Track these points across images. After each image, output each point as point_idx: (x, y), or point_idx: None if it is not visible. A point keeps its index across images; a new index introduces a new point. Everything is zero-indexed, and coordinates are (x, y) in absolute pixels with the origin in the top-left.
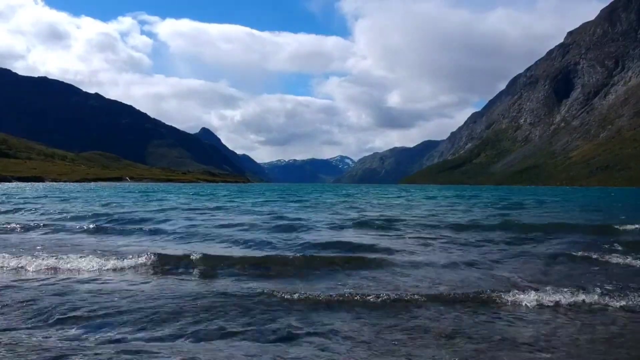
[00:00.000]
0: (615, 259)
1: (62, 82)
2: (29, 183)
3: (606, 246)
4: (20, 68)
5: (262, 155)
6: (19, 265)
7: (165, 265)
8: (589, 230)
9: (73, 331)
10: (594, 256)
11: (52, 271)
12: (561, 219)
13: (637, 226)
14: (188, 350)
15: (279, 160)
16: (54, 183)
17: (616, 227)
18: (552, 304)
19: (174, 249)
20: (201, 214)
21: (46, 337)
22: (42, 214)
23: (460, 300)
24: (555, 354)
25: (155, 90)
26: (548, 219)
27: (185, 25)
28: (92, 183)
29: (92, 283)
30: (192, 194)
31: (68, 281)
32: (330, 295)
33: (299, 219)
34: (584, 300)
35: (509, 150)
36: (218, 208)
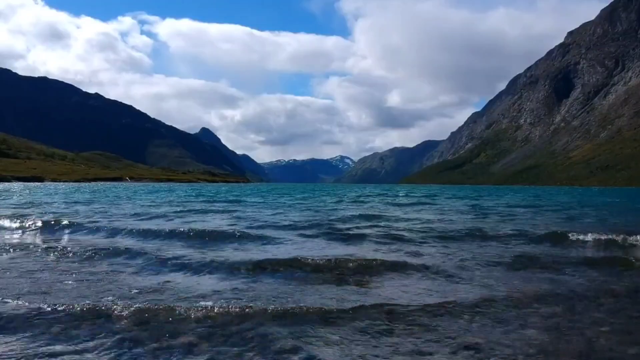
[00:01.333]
0: None
1: (62, 82)
2: (29, 183)
3: None
4: (20, 68)
5: (262, 155)
6: None
7: None
8: None
9: None
10: None
11: None
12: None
13: None
14: None
15: (279, 160)
16: (54, 183)
17: None
18: None
19: None
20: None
21: None
22: None
23: None
24: None
25: (155, 90)
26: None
27: (185, 25)
28: (92, 183)
29: None
30: (191, 195)
31: None
32: None
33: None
34: None
35: (509, 150)
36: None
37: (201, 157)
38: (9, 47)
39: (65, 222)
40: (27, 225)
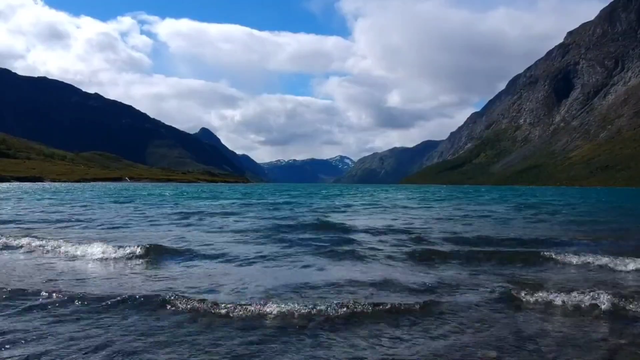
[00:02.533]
0: None
1: (62, 82)
2: (28, 183)
3: None
4: (20, 68)
5: (262, 155)
6: None
7: None
8: None
9: None
10: None
11: None
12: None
13: None
14: None
15: (279, 160)
16: (53, 183)
17: None
18: None
19: None
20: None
21: None
22: None
23: None
24: None
25: (155, 90)
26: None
27: (185, 25)
28: (91, 183)
29: None
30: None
31: None
32: None
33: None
34: None
35: (508, 150)
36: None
37: (201, 157)
38: (9, 47)
39: None
40: None
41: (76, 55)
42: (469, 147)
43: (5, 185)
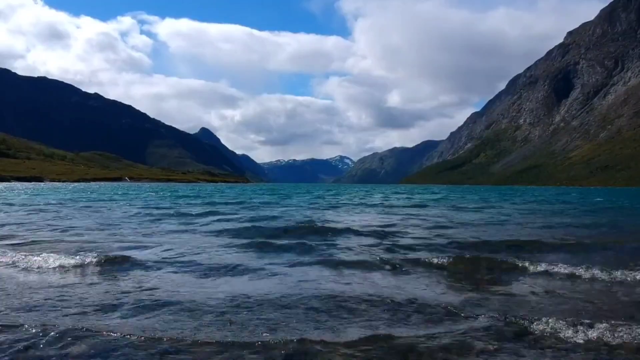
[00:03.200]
0: None
1: (62, 82)
2: (28, 183)
3: None
4: (20, 68)
5: (262, 155)
6: None
7: None
8: None
9: None
10: None
11: None
12: None
13: None
14: None
15: (279, 160)
16: (53, 183)
17: None
18: None
19: None
20: None
21: None
22: None
23: None
24: None
25: (155, 90)
26: None
27: (185, 25)
28: (92, 183)
29: None
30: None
31: None
32: None
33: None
34: None
35: (508, 150)
36: None
37: (201, 157)
38: (9, 47)
39: None
40: None
41: (76, 55)
42: (469, 147)
43: (3, 185)
